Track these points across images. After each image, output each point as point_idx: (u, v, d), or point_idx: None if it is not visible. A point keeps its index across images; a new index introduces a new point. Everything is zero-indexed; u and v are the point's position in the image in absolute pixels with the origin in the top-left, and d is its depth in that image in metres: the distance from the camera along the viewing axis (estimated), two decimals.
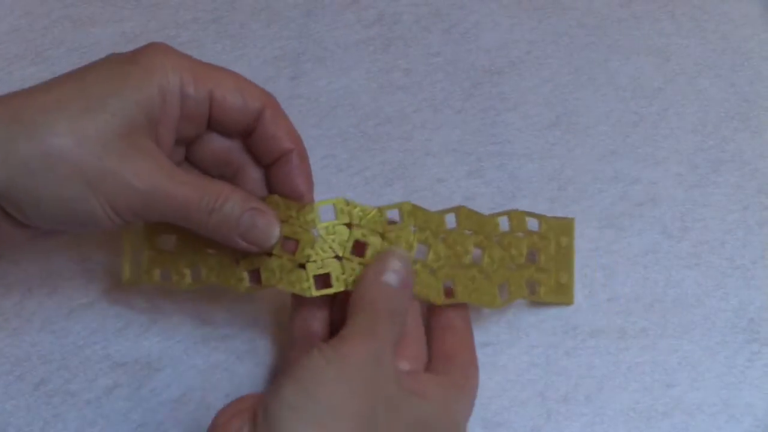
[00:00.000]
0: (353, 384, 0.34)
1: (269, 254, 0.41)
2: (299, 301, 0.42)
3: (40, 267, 0.47)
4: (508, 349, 0.46)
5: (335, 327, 0.41)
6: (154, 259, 0.42)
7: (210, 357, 0.45)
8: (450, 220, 0.43)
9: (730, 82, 0.55)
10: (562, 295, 0.46)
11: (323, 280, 0.41)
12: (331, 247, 0.41)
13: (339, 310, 0.42)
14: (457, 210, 0.43)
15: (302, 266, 0.41)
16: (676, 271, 0.48)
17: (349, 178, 0.51)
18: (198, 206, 0.38)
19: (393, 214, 0.42)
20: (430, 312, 0.43)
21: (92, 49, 0.55)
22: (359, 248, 0.41)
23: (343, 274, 0.41)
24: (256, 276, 0.41)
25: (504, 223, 0.44)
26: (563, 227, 0.45)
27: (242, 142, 0.42)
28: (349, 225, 0.41)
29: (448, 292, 0.42)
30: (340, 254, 0.41)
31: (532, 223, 0.45)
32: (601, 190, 0.51)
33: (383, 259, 0.40)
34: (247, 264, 0.41)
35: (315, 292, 0.40)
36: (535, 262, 0.45)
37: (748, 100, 0.55)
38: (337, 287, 0.41)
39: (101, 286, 0.46)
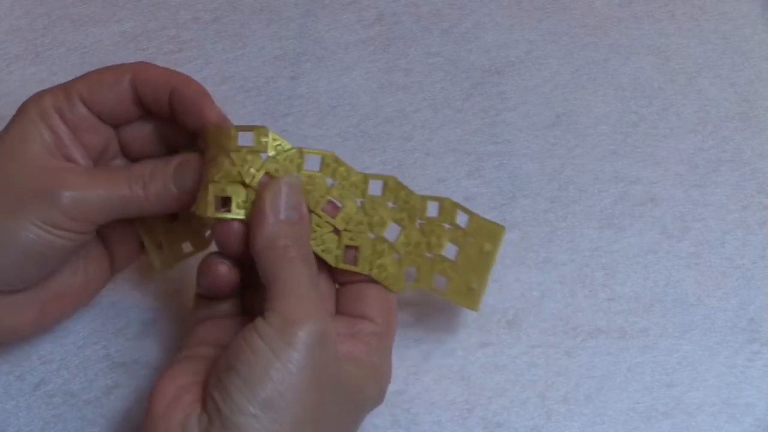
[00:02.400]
0: (303, 378, 0.34)
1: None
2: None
3: None
4: (508, 349, 0.45)
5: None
6: (171, 238, 0.43)
7: None
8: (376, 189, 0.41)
9: (730, 82, 0.55)
10: (468, 299, 0.42)
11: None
12: (239, 172, 0.38)
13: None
14: (387, 179, 0.41)
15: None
16: (676, 271, 0.48)
17: None
18: (130, 187, 0.39)
19: (316, 163, 0.40)
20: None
21: (92, 49, 0.55)
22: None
23: (245, 201, 0.38)
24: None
25: (434, 210, 0.42)
26: (491, 233, 0.42)
27: (150, 119, 0.42)
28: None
29: (350, 257, 0.40)
30: (247, 181, 0.38)
31: (464, 218, 0.42)
32: (601, 190, 0.51)
33: (275, 193, 0.38)
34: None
35: (210, 213, 0.38)
36: (453, 258, 0.42)
37: (748, 100, 0.55)
38: (235, 214, 0.38)
39: None
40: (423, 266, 0.42)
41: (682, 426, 0.43)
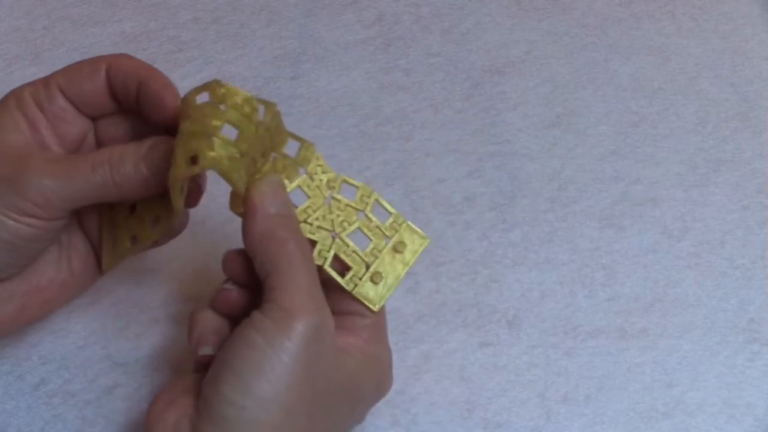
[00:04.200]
0: (297, 369, 0.34)
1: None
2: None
3: None
4: (508, 349, 0.46)
5: None
6: (122, 234, 0.41)
7: None
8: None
9: (730, 82, 0.55)
10: (368, 296, 0.39)
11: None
12: (202, 125, 0.36)
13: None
14: (270, 105, 0.38)
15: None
16: (676, 271, 0.48)
17: None
18: (93, 170, 0.38)
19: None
20: None
21: (92, 49, 0.55)
22: None
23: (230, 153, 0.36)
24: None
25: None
26: (412, 239, 0.40)
27: (127, 117, 0.41)
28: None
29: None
30: (210, 132, 0.36)
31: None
32: (601, 190, 0.51)
33: (262, 192, 0.37)
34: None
35: (185, 172, 0.36)
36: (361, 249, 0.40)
37: (748, 100, 0.55)
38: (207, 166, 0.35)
39: (101, 287, 0.46)
40: (323, 240, 0.39)
41: (682, 426, 0.43)
